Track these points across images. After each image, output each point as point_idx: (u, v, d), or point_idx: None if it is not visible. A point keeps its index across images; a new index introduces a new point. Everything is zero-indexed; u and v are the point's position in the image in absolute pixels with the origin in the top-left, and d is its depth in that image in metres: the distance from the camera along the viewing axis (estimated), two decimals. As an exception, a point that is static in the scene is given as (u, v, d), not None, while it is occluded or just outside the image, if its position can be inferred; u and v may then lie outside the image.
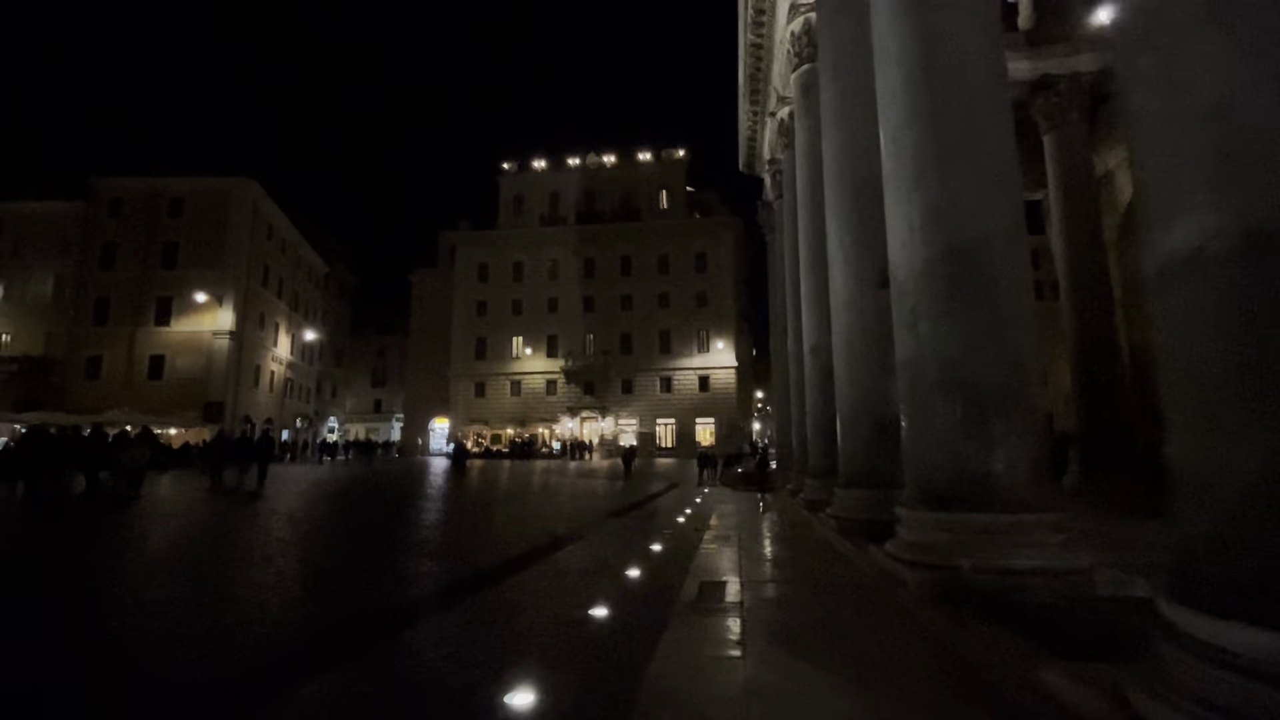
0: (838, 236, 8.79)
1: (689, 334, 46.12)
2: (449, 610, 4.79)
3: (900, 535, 5.13)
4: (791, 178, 15.85)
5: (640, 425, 45.57)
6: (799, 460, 14.72)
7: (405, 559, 7.47)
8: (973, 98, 5.10)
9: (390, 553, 7.86)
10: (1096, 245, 15.00)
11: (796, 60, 13.20)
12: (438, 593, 5.50)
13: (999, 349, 4.72)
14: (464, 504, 14.93)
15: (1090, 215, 14.99)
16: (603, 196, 50.34)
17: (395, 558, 7.49)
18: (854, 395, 8.30)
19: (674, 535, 9.20)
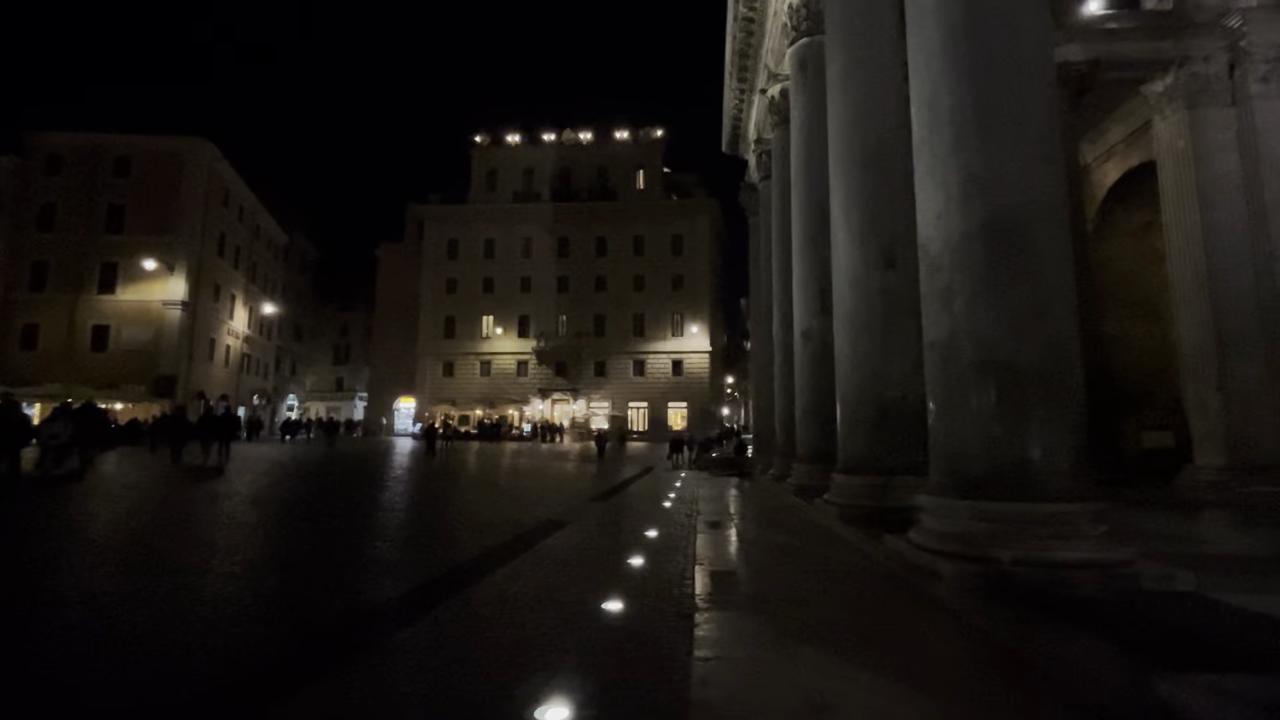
0: (844, 214, 8.45)
1: (663, 317, 45.73)
2: (441, 605, 4.33)
3: (926, 524, 4.86)
4: (782, 157, 15.49)
5: (612, 408, 45.18)
6: (782, 445, 14.54)
7: (386, 546, 6.95)
8: (1019, 59, 4.76)
9: (370, 539, 7.32)
10: (1080, 237, 15.11)
11: (794, 33, 12.75)
12: (426, 585, 5.02)
13: (1042, 329, 4.44)
14: (439, 487, 14.34)
15: (1075, 208, 15.08)
16: (578, 174, 49.25)
17: (375, 545, 6.96)
18: (858, 378, 8.03)
19: (665, 521, 8.86)
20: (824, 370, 11.46)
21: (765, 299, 18.84)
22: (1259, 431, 12.66)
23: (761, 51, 17.58)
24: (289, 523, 8.69)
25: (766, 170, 19.42)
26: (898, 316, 7.98)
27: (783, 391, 14.84)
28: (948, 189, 4.82)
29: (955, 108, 4.81)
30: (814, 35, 12.56)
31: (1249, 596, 3.85)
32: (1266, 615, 3.38)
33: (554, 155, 49.79)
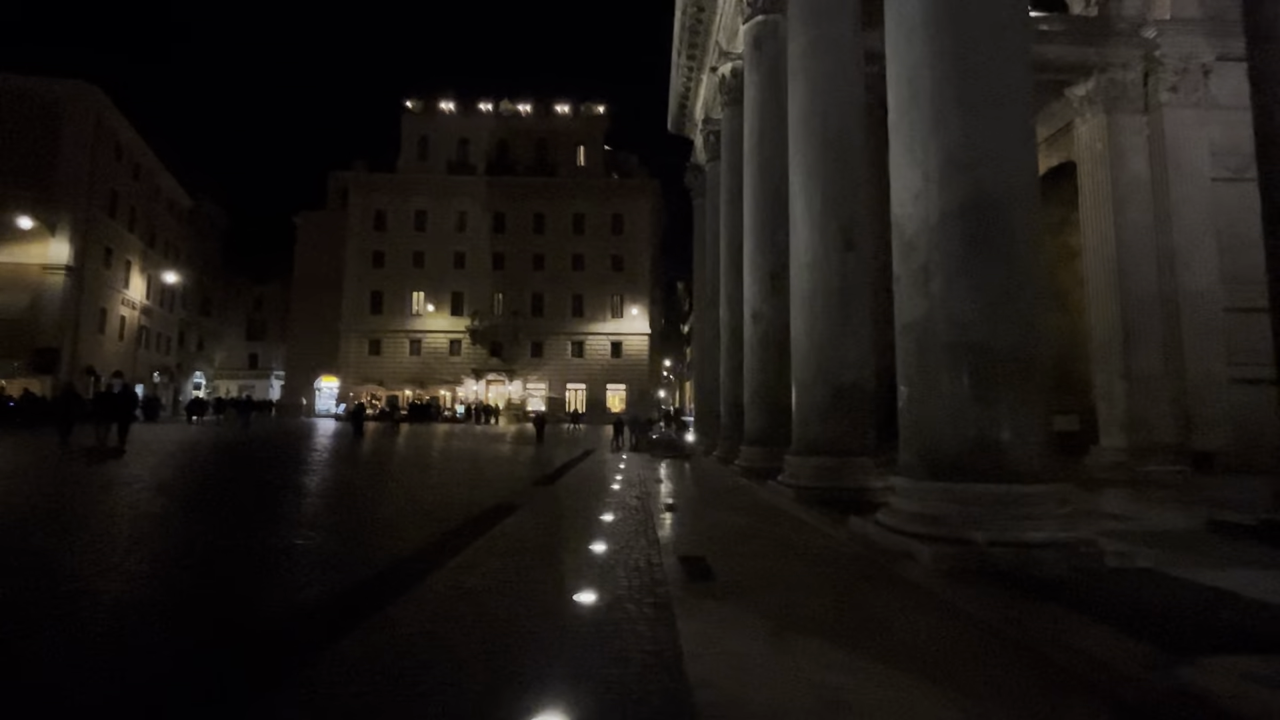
0: (804, 194, 8.38)
1: (603, 298, 45.23)
2: (392, 603, 3.91)
3: (896, 505, 4.85)
4: (733, 138, 15.37)
5: (550, 390, 44.46)
6: (728, 427, 14.62)
7: (320, 537, 6.35)
8: (999, 41, 4.72)
9: (300, 529, 6.68)
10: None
11: (749, 9, 12.56)
12: (371, 580, 4.56)
13: (1015, 312, 4.47)
14: (372, 471, 13.52)
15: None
16: (517, 147, 47.58)
17: (307, 536, 6.35)
18: (816, 360, 8.03)
19: (619, 504, 8.63)
20: (774, 352, 11.53)
21: (711, 281, 18.82)
22: (1156, 416, 13.76)
23: (713, 28, 17.32)
24: (205, 512, 7.84)
25: (714, 151, 19.28)
26: (855, 299, 8.03)
27: (730, 374, 14.89)
28: (926, 168, 4.74)
29: (936, 86, 4.73)
30: (770, 13, 12.41)
31: (1198, 571, 4.03)
32: (1225, 590, 3.51)
33: (491, 126, 47.85)
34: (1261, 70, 5.36)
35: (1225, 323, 13.99)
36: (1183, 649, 2.46)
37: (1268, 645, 2.54)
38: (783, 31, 12.51)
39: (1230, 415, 13.79)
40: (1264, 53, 5.29)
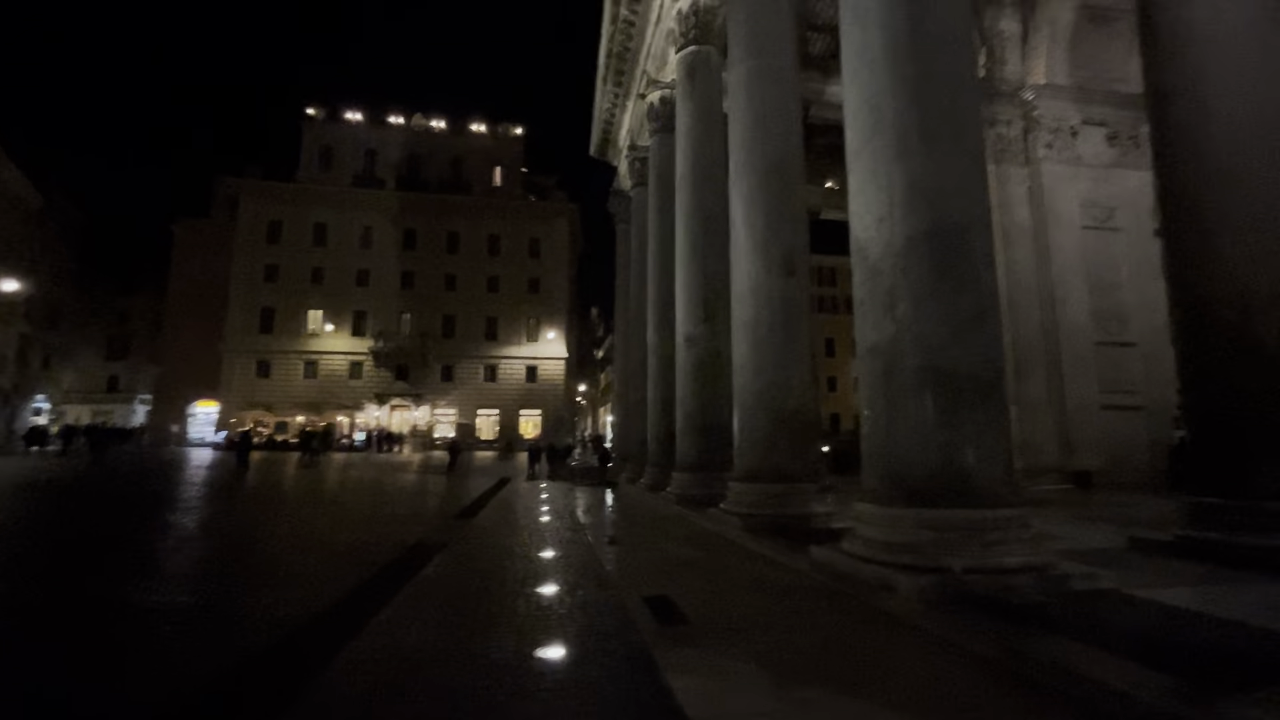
0: (745, 220, 8.40)
1: (518, 321, 44.02)
2: (317, 676, 3.22)
3: (865, 534, 4.72)
4: (662, 164, 15.48)
5: (460, 416, 42.35)
6: (656, 454, 14.36)
7: (212, 591, 5.35)
8: (956, 75, 4.88)
9: (184, 582, 5.62)
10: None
11: (682, 40, 12.76)
12: (283, 645, 3.79)
13: (980, 337, 4.53)
14: (267, 508, 12.00)
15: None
16: (430, 163, 45.84)
17: (197, 589, 5.33)
18: (758, 385, 7.96)
19: (554, 538, 8.07)
20: (708, 376, 11.46)
21: (638, 305, 18.71)
22: (1043, 439, 14.97)
23: (641, 57, 17.53)
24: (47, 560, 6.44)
25: (640, 177, 19.40)
26: (796, 324, 8.08)
27: (660, 399, 14.69)
28: (891, 193, 4.77)
29: (900, 113, 4.80)
30: (702, 44, 12.67)
31: (1154, 590, 4.17)
32: (1193, 610, 3.61)
33: (402, 140, 45.87)
34: (1162, 127, 5.92)
35: (1096, 355, 15.54)
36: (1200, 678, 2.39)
37: (1271, 668, 2.55)
38: (715, 62, 12.83)
39: (1102, 438, 15.23)
40: (1164, 111, 5.86)
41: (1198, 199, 5.53)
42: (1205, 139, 5.46)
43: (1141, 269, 15.94)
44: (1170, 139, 5.78)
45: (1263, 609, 3.60)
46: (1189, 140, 5.58)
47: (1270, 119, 5.25)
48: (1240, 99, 5.34)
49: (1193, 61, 5.57)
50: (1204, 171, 5.47)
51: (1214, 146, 5.40)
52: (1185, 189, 5.64)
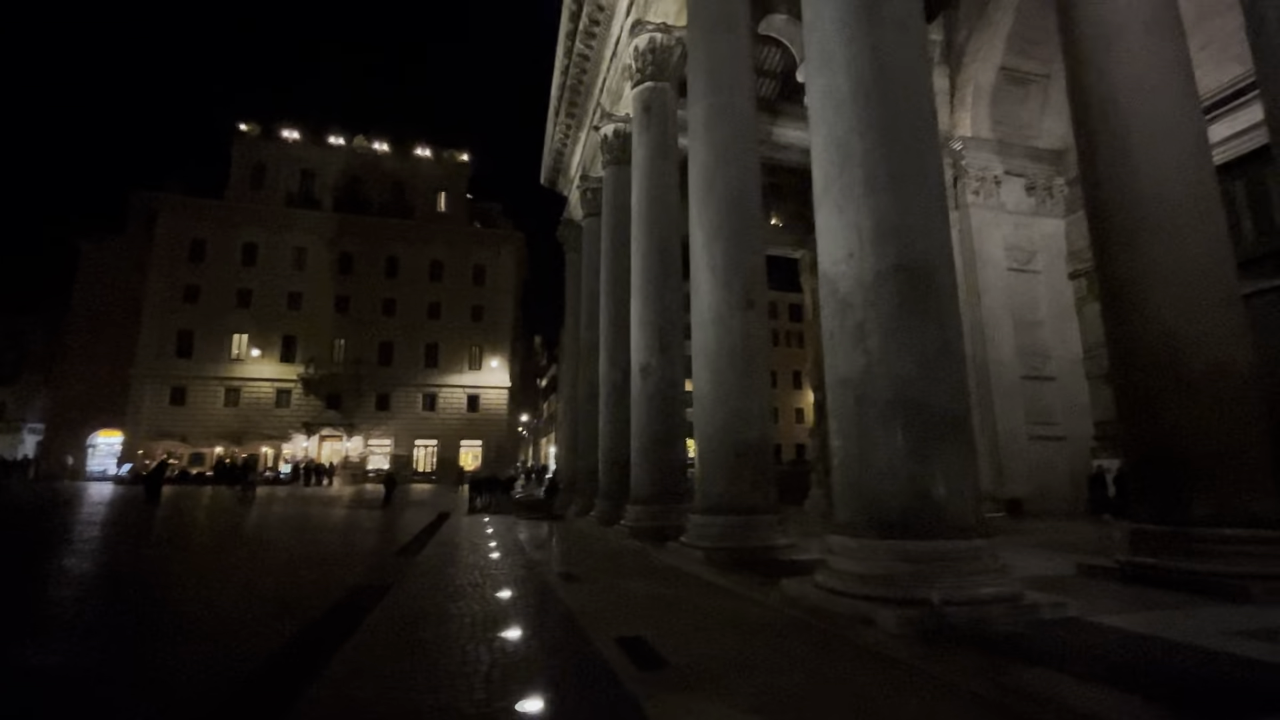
0: (706, 253, 8.48)
1: (460, 349, 42.80)
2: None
3: (840, 566, 4.69)
4: (616, 195, 15.60)
5: (396, 447, 40.43)
6: (608, 486, 14.09)
7: (129, 648, 4.73)
8: (918, 117, 5.12)
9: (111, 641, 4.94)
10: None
11: (638, 76, 13.01)
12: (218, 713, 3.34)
13: (948, 370, 4.65)
14: (189, 548, 10.92)
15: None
16: (371, 186, 44.54)
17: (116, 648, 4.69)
18: (720, 417, 7.94)
19: (508, 576, 7.67)
20: (664, 407, 11.41)
21: (589, 335, 18.57)
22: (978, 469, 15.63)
23: (595, 90, 17.78)
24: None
25: (592, 207, 19.49)
26: (756, 356, 8.16)
27: (612, 430, 14.49)
28: (860, 229, 4.90)
29: (868, 153, 4.97)
30: (658, 80, 12.97)
31: (1115, 616, 4.31)
32: (1160, 637, 3.73)
33: (342, 161, 44.46)
34: (1092, 180, 6.40)
35: (1022, 388, 16.49)
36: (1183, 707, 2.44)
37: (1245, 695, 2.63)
38: (670, 97, 13.14)
39: (1030, 467, 16.07)
40: (1094, 164, 6.35)
41: (1128, 246, 5.97)
42: (1132, 192, 5.93)
43: (1058, 308, 17.19)
44: (1101, 191, 6.25)
45: (1216, 633, 3.77)
46: (1118, 192, 6.05)
47: (1189, 174, 5.77)
48: (1162, 155, 5.84)
49: (1117, 121, 6.07)
50: (1132, 221, 5.92)
51: (1140, 198, 5.87)
52: (1116, 237, 6.08)
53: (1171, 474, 5.51)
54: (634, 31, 13.18)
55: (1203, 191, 5.81)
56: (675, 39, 13.08)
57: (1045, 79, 17.48)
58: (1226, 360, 5.47)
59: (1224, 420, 5.35)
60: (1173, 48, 6.06)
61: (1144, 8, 6.11)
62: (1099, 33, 6.22)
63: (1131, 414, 5.95)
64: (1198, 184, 5.82)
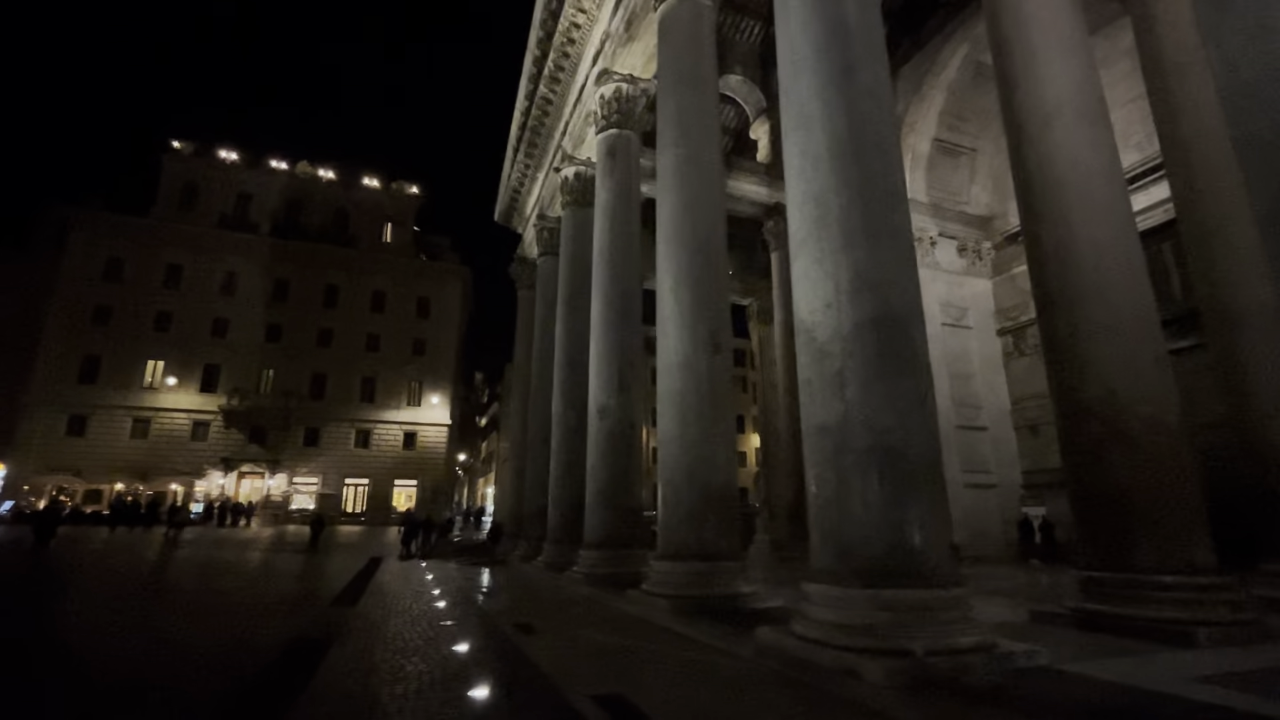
0: (673, 296, 8.58)
1: (399, 383, 41.19)
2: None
3: (818, 616, 4.65)
4: (576, 236, 15.69)
5: (324, 485, 38.02)
6: (559, 529, 13.66)
7: None
8: (890, 178, 5.41)
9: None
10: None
11: (604, 123, 13.31)
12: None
13: (923, 419, 4.80)
14: (94, 597, 9.75)
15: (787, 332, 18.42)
16: (314, 213, 43.06)
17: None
18: (686, 461, 7.88)
19: (458, 628, 7.22)
20: (621, 448, 11.27)
21: (540, 373, 18.29)
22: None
23: (556, 132, 18.04)
24: None
25: (548, 246, 19.51)
26: (722, 401, 8.22)
27: (564, 471, 14.14)
28: (838, 281, 5.08)
29: (844, 209, 5.19)
30: (623, 128, 13.30)
31: (1082, 664, 4.43)
32: (1130, 685, 3.85)
33: (283, 185, 42.92)
34: (1037, 246, 6.93)
35: (958, 437, 17.27)
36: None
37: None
38: (635, 145, 13.47)
39: (965, 514, 16.71)
40: (1038, 233, 6.88)
41: (1070, 310, 6.44)
42: (1073, 259, 6.44)
43: (989, 363, 18.30)
44: (1046, 257, 6.75)
45: (1182, 680, 3.94)
46: (1059, 261, 6.56)
47: (1121, 244, 6.33)
48: (1097, 226, 6.40)
49: (1058, 195, 6.64)
50: (1073, 286, 6.42)
51: (1080, 265, 6.38)
52: (1059, 299, 6.56)
53: (1117, 521, 5.83)
54: (600, 80, 13.53)
55: (1132, 260, 6.37)
56: (640, 90, 13.52)
57: (973, 152, 19.04)
58: (1160, 416, 5.91)
59: (1162, 472, 5.74)
60: (1103, 133, 6.73)
61: (1076, 97, 6.78)
62: (1038, 117, 6.84)
63: (1077, 464, 6.30)
64: (1127, 253, 6.39)
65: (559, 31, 15.23)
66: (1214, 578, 5.47)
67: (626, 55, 13.11)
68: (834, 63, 5.57)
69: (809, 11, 5.84)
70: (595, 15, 14.07)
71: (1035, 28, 7.09)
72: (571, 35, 15.14)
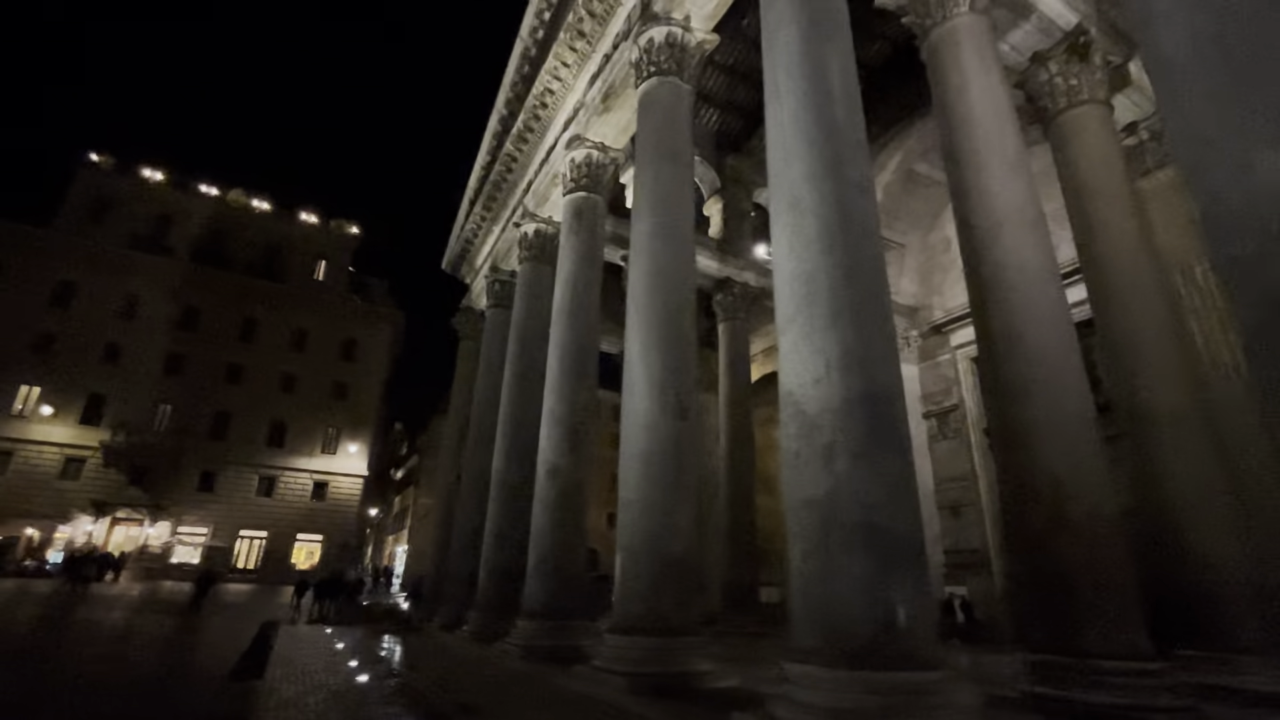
0: (642, 361, 8.58)
1: (314, 429, 38.36)
2: None
3: (801, 698, 4.49)
4: (533, 291, 15.63)
5: (215, 536, 34.18)
6: (491, 595, 12.81)
7: None
8: (875, 262, 5.74)
9: None
10: (746, 410, 18.77)
11: (573, 185, 13.59)
12: None
13: (908, 497, 4.91)
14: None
15: (745, 386, 18.87)
16: (240, 243, 40.75)
17: None
18: (647, 527, 7.66)
19: (390, 709, 6.48)
20: (570, 510, 10.87)
21: (479, 429, 17.62)
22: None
23: (518, 189, 18.21)
24: None
25: (499, 299, 19.31)
26: (688, 468, 8.14)
27: (498, 534, 13.43)
28: (828, 356, 5.24)
29: (833, 289, 5.44)
30: (591, 192, 13.61)
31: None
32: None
33: (209, 211, 40.56)
34: (986, 339, 7.48)
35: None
36: None
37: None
38: (601, 210, 13.77)
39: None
40: (988, 326, 7.45)
41: (1016, 400, 6.91)
42: (1020, 353, 6.98)
43: (916, 445, 19.19)
44: (994, 351, 7.28)
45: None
46: (1008, 356, 7.08)
47: (1062, 342, 6.94)
48: (1040, 325, 7.01)
49: (1007, 294, 7.24)
50: (1021, 379, 6.92)
51: (1027, 359, 6.91)
52: (1006, 391, 7.04)
53: (1064, 606, 6.08)
54: (571, 145, 13.91)
55: (1071, 357, 6.97)
56: (610, 158, 13.98)
57: (903, 247, 20.69)
58: (1099, 504, 6.33)
59: (1103, 559, 6.09)
60: (1044, 239, 7.49)
61: (1021, 209, 7.56)
62: (989, 224, 7.54)
63: (1026, 548, 6.59)
64: (1067, 350, 7.00)
65: (533, 94, 15.65)
66: (1155, 664, 5.75)
67: (600, 124, 13.59)
68: (824, 154, 5.97)
69: (798, 104, 6.29)
70: (571, 84, 14.60)
71: (984, 145, 7.93)
72: (545, 100, 15.59)
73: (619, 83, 12.64)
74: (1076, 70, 10.00)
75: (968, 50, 8.50)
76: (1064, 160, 9.89)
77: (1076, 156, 9.74)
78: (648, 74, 10.59)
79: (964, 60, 8.46)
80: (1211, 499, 7.74)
